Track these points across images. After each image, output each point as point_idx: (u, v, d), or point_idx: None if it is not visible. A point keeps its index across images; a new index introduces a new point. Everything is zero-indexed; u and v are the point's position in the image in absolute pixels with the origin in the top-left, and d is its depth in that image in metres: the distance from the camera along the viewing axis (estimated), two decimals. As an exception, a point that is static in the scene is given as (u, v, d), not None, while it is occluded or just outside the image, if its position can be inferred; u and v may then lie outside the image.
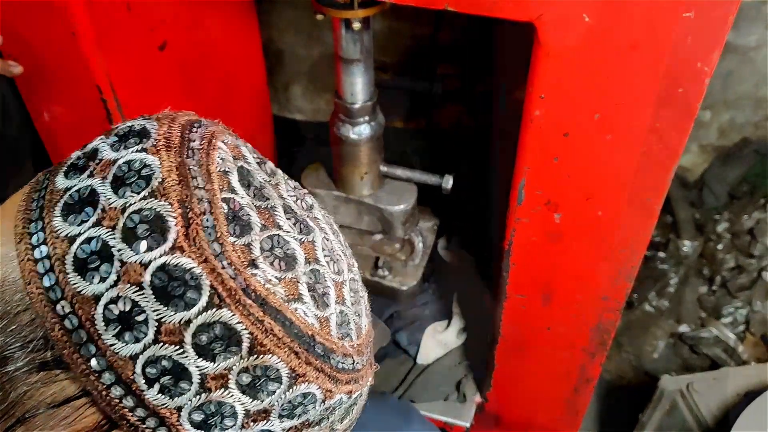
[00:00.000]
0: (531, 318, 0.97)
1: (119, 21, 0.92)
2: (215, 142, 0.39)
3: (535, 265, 0.89)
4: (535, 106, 0.72)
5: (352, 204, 1.16)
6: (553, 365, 1.03)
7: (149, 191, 0.34)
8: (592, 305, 0.92)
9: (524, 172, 0.78)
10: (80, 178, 0.36)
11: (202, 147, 0.38)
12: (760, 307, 1.90)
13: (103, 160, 0.36)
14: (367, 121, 1.05)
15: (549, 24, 0.64)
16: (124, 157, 0.36)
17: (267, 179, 0.41)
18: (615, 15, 0.62)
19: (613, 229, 0.81)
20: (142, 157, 0.36)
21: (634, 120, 0.69)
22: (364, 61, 0.98)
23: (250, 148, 0.43)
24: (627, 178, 0.75)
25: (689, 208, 2.08)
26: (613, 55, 0.65)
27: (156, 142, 0.37)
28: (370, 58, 0.99)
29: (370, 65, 1.00)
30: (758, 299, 1.90)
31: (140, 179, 0.35)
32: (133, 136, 0.37)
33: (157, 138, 0.37)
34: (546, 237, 0.85)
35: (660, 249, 2.11)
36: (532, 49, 0.67)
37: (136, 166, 0.36)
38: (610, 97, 0.68)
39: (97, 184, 0.35)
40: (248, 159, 0.41)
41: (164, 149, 0.37)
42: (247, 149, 0.42)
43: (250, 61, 1.34)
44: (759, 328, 1.88)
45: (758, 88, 1.87)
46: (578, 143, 0.73)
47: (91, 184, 0.35)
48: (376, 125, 1.06)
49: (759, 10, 1.70)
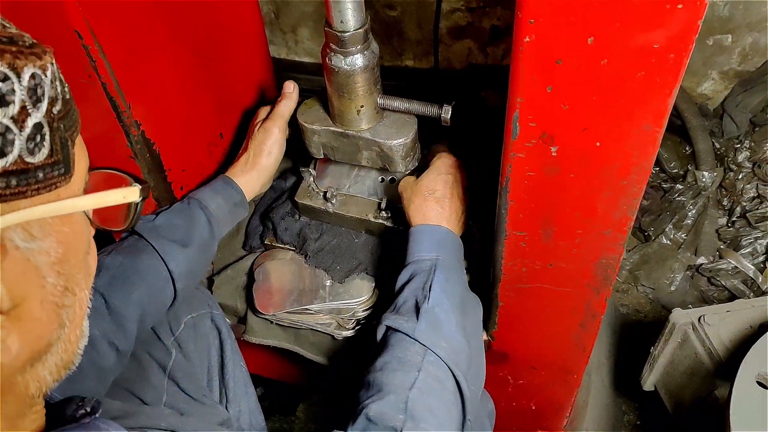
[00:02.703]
0: (532, 255, 0.95)
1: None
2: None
3: (533, 201, 0.87)
4: (524, 32, 0.68)
5: (350, 139, 1.13)
6: (557, 302, 1.02)
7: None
8: (594, 240, 0.89)
9: (517, 103, 0.75)
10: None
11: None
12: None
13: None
14: (359, 50, 1.00)
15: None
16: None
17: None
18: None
19: (612, 161, 0.77)
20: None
21: (630, 41, 0.65)
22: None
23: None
24: (625, 106, 0.71)
25: (708, 137, 2.01)
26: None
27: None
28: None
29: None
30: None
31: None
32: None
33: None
34: (543, 171, 0.82)
35: (678, 181, 2.06)
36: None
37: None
38: (604, 19, 0.64)
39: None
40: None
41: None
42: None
43: (242, 1, 1.29)
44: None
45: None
46: (572, 70, 0.69)
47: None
48: (370, 54, 1.01)
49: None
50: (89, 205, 0.53)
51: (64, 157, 0.49)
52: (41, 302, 0.48)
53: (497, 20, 1.88)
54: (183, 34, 1.10)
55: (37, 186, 0.46)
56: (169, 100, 1.11)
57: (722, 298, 1.86)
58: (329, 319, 1.18)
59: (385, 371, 0.86)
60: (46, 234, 0.48)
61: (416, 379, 0.84)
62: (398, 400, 0.81)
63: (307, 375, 1.44)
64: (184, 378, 1.06)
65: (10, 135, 0.43)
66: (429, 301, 0.92)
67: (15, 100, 0.44)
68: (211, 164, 1.28)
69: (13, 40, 0.45)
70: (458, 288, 1.00)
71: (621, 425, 1.70)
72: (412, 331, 0.90)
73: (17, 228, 0.45)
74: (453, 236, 1.05)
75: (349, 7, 0.94)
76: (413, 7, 1.87)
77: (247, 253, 1.32)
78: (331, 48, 1.01)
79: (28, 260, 0.47)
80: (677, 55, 0.65)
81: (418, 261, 1.00)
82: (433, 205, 1.06)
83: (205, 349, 1.15)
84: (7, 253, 0.44)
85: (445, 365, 0.87)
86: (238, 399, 1.15)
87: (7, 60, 0.44)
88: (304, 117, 1.15)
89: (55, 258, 0.49)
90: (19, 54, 0.45)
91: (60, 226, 0.49)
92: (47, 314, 0.49)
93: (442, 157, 1.13)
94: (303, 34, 2.01)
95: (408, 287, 0.97)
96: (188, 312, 1.15)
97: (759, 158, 1.98)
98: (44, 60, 0.48)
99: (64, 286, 0.51)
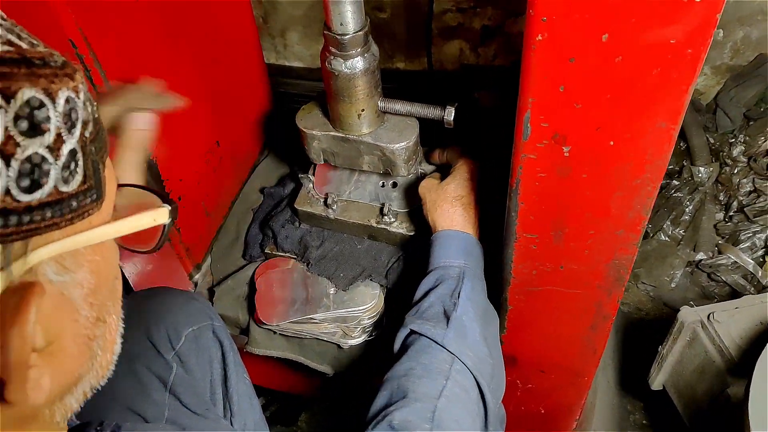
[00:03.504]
0: (543, 257, 0.93)
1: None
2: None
3: (544, 203, 0.85)
4: (536, 30, 0.66)
5: (351, 144, 1.11)
6: (568, 304, 1.00)
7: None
8: (606, 241, 0.87)
9: (529, 104, 0.73)
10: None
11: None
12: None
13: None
14: (360, 52, 0.98)
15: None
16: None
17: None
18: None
19: (626, 160, 0.76)
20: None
21: (646, 37, 0.63)
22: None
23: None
24: (640, 104, 0.69)
25: (703, 133, 2.01)
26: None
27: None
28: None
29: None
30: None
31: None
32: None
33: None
34: (555, 172, 0.80)
35: (674, 177, 2.06)
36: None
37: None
38: (619, 15, 0.63)
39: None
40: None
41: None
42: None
43: (235, 5, 1.27)
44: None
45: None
46: (585, 68, 0.68)
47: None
48: (370, 56, 0.99)
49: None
50: (122, 231, 0.50)
51: (96, 182, 0.47)
52: (74, 337, 0.46)
53: (488, 20, 1.87)
54: (178, 41, 1.08)
55: (71, 216, 0.43)
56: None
57: (723, 293, 1.86)
58: (334, 328, 1.16)
59: (410, 377, 0.84)
60: (79, 265, 0.46)
61: (444, 387, 0.82)
62: (425, 408, 0.79)
63: (311, 385, 1.42)
64: (186, 393, 1.04)
65: (46, 165, 0.41)
66: (457, 309, 0.91)
67: (50, 127, 0.41)
68: (208, 173, 1.26)
69: (45, 61, 0.42)
70: (482, 298, 0.98)
71: (628, 425, 1.69)
72: (441, 338, 0.88)
73: (50, 261, 0.43)
74: (478, 244, 1.04)
75: (349, 9, 0.92)
76: (403, 9, 1.86)
77: (247, 263, 1.29)
78: (330, 51, 0.98)
79: (62, 294, 0.45)
80: (695, 50, 0.63)
81: (444, 267, 0.98)
82: (461, 210, 1.05)
83: (207, 362, 1.13)
84: (43, 289, 0.42)
85: (471, 375, 0.85)
86: (243, 412, 1.13)
87: (42, 85, 0.41)
88: (303, 122, 1.12)
89: (88, 289, 0.47)
90: (54, 77, 0.42)
91: (92, 255, 0.47)
92: (79, 349, 0.47)
93: (467, 162, 1.11)
94: (292, 38, 1.98)
95: (434, 293, 0.95)
96: (189, 325, 1.12)
97: (754, 152, 1.98)
98: (76, 80, 0.45)
99: (96, 317, 0.49)
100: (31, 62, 0.41)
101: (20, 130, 0.38)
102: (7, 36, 0.41)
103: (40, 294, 0.41)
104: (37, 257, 0.41)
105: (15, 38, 0.42)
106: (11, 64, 0.39)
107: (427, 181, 1.11)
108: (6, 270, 0.40)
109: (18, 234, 0.39)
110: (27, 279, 0.42)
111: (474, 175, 1.09)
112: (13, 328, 0.40)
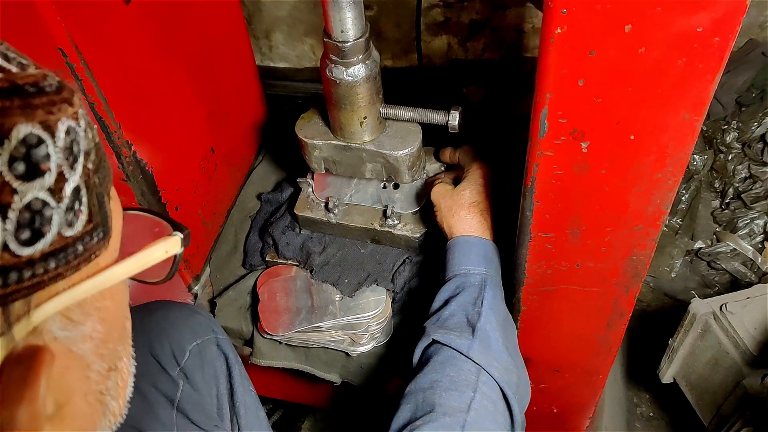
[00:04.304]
0: (558, 256, 0.91)
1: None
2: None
3: (560, 201, 0.82)
4: (556, 23, 0.63)
5: (353, 152, 1.07)
6: (584, 302, 0.98)
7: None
8: (624, 237, 0.85)
9: (546, 99, 0.70)
10: None
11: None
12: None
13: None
14: (361, 60, 0.95)
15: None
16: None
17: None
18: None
19: (646, 154, 0.74)
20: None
21: (671, 26, 0.61)
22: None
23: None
24: (663, 96, 0.67)
25: (696, 120, 2.00)
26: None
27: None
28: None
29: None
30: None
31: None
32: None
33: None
34: (572, 169, 0.77)
35: (669, 166, 2.05)
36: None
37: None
38: (643, 4, 0.60)
39: None
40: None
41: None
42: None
43: (227, 9, 1.23)
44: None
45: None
46: (606, 61, 0.65)
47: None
48: (372, 63, 0.96)
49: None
50: (133, 270, 0.45)
51: (102, 218, 0.41)
52: (85, 395, 0.42)
53: (476, 14, 1.85)
54: (171, 46, 1.04)
55: (77, 261, 0.38)
56: (160, 117, 1.05)
57: (723, 281, 1.85)
58: (342, 336, 1.13)
59: (436, 390, 0.81)
60: (87, 315, 0.41)
61: (472, 400, 0.80)
62: (455, 422, 0.76)
63: (318, 394, 1.39)
64: (193, 409, 1.01)
65: (48, 211, 0.35)
66: (481, 318, 0.88)
67: (51, 166, 0.35)
68: (204, 180, 1.22)
69: (39, 87, 0.36)
70: (502, 307, 0.96)
71: (635, 418, 1.67)
72: (467, 348, 0.85)
73: (55, 316, 0.38)
74: (497, 251, 1.02)
75: (350, 16, 0.89)
76: (390, 6, 1.83)
77: (247, 272, 1.26)
78: (331, 59, 0.95)
79: (70, 351, 0.39)
80: (722, 38, 0.61)
81: (466, 274, 0.96)
82: (479, 216, 1.02)
83: (213, 376, 1.09)
84: (52, 355, 0.37)
85: (497, 386, 0.83)
86: (251, 426, 1.09)
87: (38, 118, 0.35)
88: (303, 131, 1.09)
89: (98, 340, 0.42)
90: (51, 106, 0.36)
91: (101, 301, 0.42)
92: (91, 406, 0.43)
93: (480, 166, 1.08)
94: (277, 39, 1.95)
95: (455, 301, 0.92)
96: (192, 339, 1.08)
97: (748, 138, 1.98)
98: (75, 105, 0.39)
99: (107, 367, 0.44)
100: (25, 91, 0.35)
101: (16, 174, 0.33)
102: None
103: (50, 362, 0.36)
104: (41, 315, 0.36)
105: (1, 60, 0.36)
106: (2, 96, 0.34)
107: (440, 187, 1.08)
108: (7, 335, 0.34)
109: (19, 292, 0.34)
110: (31, 342, 0.36)
111: (488, 181, 1.06)
112: (21, 405, 0.35)
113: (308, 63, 1.98)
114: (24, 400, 0.35)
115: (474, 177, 1.06)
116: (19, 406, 0.34)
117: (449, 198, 1.05)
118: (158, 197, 1.07)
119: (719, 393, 1.21)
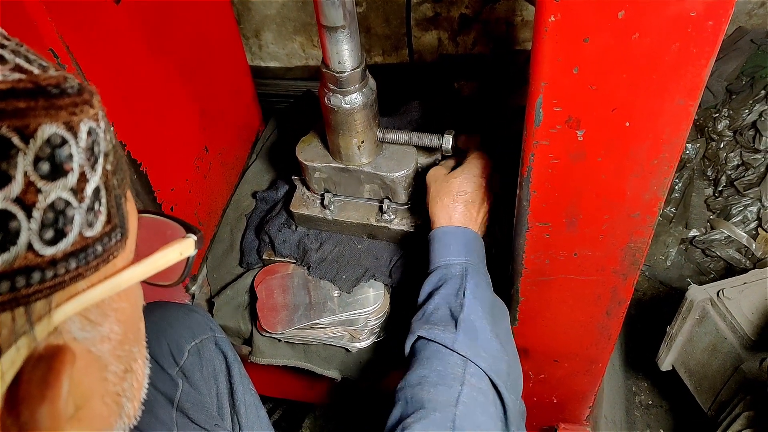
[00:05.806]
0: (556, 246, 0.91)
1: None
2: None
3: (557, 190, 0.82)
4: (549, 11, 0.63)
5: (352, 174, 1.12)
6: (582, 291, 0.98)
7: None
8: (621, 224, 0.85)
9: (541, 88, 0.70)
10: None
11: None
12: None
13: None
14: (358, 88, 0.98)
15: None
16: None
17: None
18: None
19: (642, 140, 0.74)
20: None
21: (665, 11, 0.61)
22: (348, 26, 0.90)
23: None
24: (657, 81, 0.67)
25: (687, 109, 2.01)
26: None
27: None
28: (354, 22, 0.92)
29: (355, 29, 0.93)
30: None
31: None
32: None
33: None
34: (568, 158, 0.78)
35: (661, 155, 2.05)
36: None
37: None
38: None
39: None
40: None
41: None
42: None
43: (217, 8, 1.23)
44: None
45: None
46: (600, 48, 0.65)
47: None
48: (368, 91, 1.00)
49: None
50: (150, 272, 0.45)
51: (120, 220, 0.42)
52: (103, 397, 0.41)
53: (465, 8, 1.85)
54: (163, 46, 1.04)
55: (96, 262, 0.38)
56: (153, 116, 1.05)
57: (719, 268, 1.86)
58: (341, 332, 1.13)
59: (424, 386, 0.81)
60: (105, 316, 0.41)
61: (460, 393, 0.79)
62: (444, 418, 0.76)
63: (318, 391, 1.39)
64: (193, 409, 1.00)
65: (70, 211, 0.35)
66: (464, 309, 0.88)
67: (74, 166, 0.36)
68: (198, 180, 1.22)
69: (62, 88, 0.36)
70: (488, 293, 0.95)
71: (634, 407, 1.68)
72: (452, 342, 0.85)
73: (75, 317, 0.38)
74: (479, 239, 1.01)
75: (347, 48, 0.93)
76: (379, 2, 1.83)
77: (244, 271, 1.26)
78: (329, 88, 0.99)
79: (89, 352, 0.39)
80: (716, 21, 0.61)
81: (446, 266, 0.95)
82: (462, 207, 1.01)
83: (212, 375, 1.09)
84: (74, 355, 0.37)
85: (486, 376, 0.83)
86: (251, 424, 1.09)
87: (62, 119, 0.35)
88: (303, 155, 1.13)
89: (115, 341, 0.42)
90: (74, 107, 0.37)
91: (118, 302, 0.42)
92: (108, 408, 0.42)
93: (478, 157, 1.08)
94: (266, 38, 1.95)
95: (438, 294, 0.92)
96: (191, 338, 1.08)
97: (739, 126, 1.98)
98: (95, 107, 0.39)
99: (124, 369, 0.44)
100: (48, 92, 0.35)
101: (41, 174, 0.33)
102: (15, 60, 0.35)
103: (71, 362, 0.36)
104: (62, 315, 0.36)
105: (23, 62, 0.36)
106: (26, 96, 0.34)
107: (435, 170, 1.07)
108: (29, 334, 0.34)
109: (41, 292, 0.34)
110: (52, 342, 0.36)
111: (485, 172, 1.05)
112: (42, 405, 0.34)
113: (298, 61, 1.98)
114: (46, 400, 0.34)
115: (470, 167, 1.06)
116: (41, 406, 0.34)
117: (440, 182, 1.04)
118: (153, 197, 1.07)
119: (718, 379, 1.21)
